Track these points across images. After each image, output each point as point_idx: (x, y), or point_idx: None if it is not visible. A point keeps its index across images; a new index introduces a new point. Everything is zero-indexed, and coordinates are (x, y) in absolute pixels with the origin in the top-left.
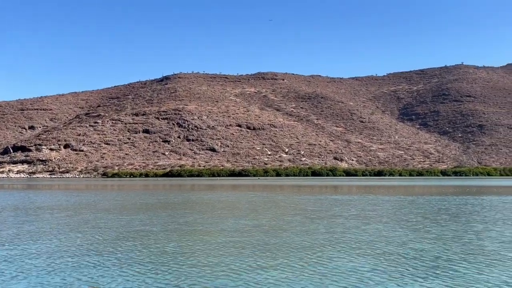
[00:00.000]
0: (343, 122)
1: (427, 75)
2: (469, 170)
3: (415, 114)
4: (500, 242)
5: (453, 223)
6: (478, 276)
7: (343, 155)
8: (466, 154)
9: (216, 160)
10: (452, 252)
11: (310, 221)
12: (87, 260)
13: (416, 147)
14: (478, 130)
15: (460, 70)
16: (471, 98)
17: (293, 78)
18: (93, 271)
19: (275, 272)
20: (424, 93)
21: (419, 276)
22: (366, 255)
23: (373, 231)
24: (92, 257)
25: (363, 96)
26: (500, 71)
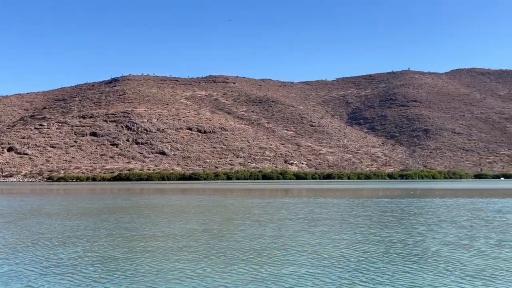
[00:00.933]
0: (294, 126)
1: (375, 80)
2: (415, 173)
3: (363, 118)
4: (443, 244)
5: (399, 225)
6: (422, 276)
7: (293, 159)
8: (412, 157)
9: (166, 163)
10: (397, 253)
11: (260, 225)
12: (27, 268)
13: (364, 151)
14: (424, 134)
15: (406, 76)
16: (417, 103)
17: (244, 82)
18: (33, 279)
19: (223, 277)
20: (372, 98)
21: (365, 277)
22: (314, 257)
23: (321, 234)
24: (33, 264)
25: (313, 100)
26: (445, 77)
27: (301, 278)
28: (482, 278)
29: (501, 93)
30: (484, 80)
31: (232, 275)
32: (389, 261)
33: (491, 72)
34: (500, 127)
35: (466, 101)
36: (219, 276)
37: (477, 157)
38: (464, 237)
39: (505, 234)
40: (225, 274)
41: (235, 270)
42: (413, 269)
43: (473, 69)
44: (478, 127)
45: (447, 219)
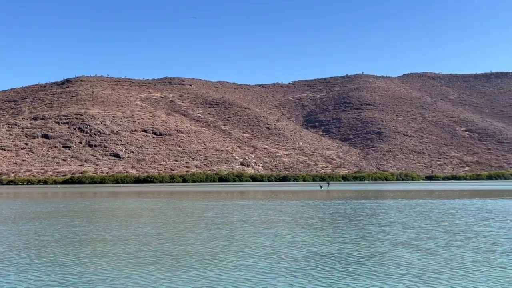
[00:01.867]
0: (250, 128)
1: (330, 83)
2: (368, 175)
3: (319, 121)
4: (393, 244)
5: (351, 226)
6: (375, 277)
7: (250, 161)
8: (366, 159)
9: (120, 166)
10: (348, 253)
11: (213, 227)
12: None
13: (319, 153)
14: (377, 137)
15: (360, 79)
16: (370, 106)
17: (201, 84)
18: None
19: (172, 282)
20: (327, 101)
21: (318, 279)
22: (269, 259)
23: (274, 236)
24: None
25: (269, 103)
26: (397, 81)
27: (253, 279)
28: (430, 278)
29: (451, 97)
30: (435, 84)
31: (183, 280)
32: (340, 261)
33: (441, 76)
34: (450, 130)
35: (418, 104)
36: (169, 281)
37: (428, 159)
38: (414, 237)
39: (454, 235)
40: (175, 278)
41: (186, 274)
42: (363, 269)
43: (424, 74)
44: (429, 130)
45: (399, 220)
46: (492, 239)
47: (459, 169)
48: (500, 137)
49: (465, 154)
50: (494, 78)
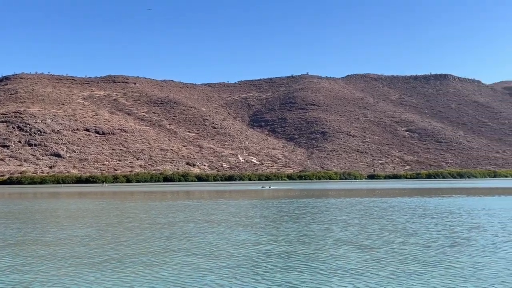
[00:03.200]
0: (196, 128)
1: (276, 83)
2: (313, 174)
3: (264, 121)
4: (335, 241)
5: (295, 225)
6: (317, 273)
7: (196, 161)
8: (311, 159)
9: (61, 166)
10: (293, 252)
11: (159, 228)
12: None
13: (265, 153)
14: (321, 137)
15: (305, 80)
16: (315, 106)
17: (145, 82)
18: None
19: (117, 283)
20: (273, 101)
21: (262, 276)
22: (213, 258)
23: (220, 235)
24: None
25: (215, 102)
26: (341, 81)
27: (197, 278)
28: (371, 274)
29: (392, 97)
30: (377, 85)
31: (123, 280)
32: (283, 259)
33: (383, 77)
34: (391, 130)
35: (361, 105)
36: (110, 282)
37: (370, 159)
38: (355, 235)
39: (394, 232)
40: (116, 279)
41: (127, 275)
42: (306, 266)
43: (367, 75)
44: (371, 130)
45: (341, 218)
46: (430, 235)
47: (400, 168)
48: (438, 137)
49: (405, 153)
50: (433, 79)
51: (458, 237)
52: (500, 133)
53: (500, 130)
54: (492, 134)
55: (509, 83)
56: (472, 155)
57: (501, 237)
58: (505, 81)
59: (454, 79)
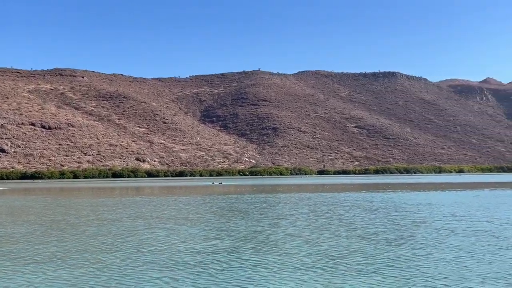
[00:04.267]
0: (146, 123)
1: (227, 79)
2: (264, 170)
3: (216, 116)
4: (284, 235)
5: (245, 220)
6: (266, 267)
7: (146, 156)
8: (262, 155)
9: (5, 161)
10: (243, 246)
11: (107, 224)
12: None
13: (216, 148)
14: (273, 133)
15: (257, 76)
16: (266, 102)
17: (94, 76)
18: None
19: (58, 282)
20: (225, 96)
21: (212, 272)
22: (161, 255)
23: (169, 231)
24: None
25: (166, 97)
26: (292, 78)
27: (144, 275)
28: (316, 268)
29: (342, 94)
30: (327, 82)
31: (65, 278)
32: (233, 254)
33: (333, 74)
34: (341, 126)
35: (311, 101)
36: (49, 281)
37: (320, 154)
38: (304, 229)
39: (340, 226)
40: (56, 278)
41: (71, 272)
42: (255, 260)
43: (318, 72)
44: (321, 126)
45: (290, 213)
46: (375, 229)
47: (349, 163)
48: (386, 133)
49: (354, 149)
50: (381, 77)
51: (403, 231)
52: (445, 130)
53: (445, 127)
54: (437, 131)
55: (454, 81)
56: (419, 151)
57: (443, 231)
58: (450, 79)
59: (402, 77)
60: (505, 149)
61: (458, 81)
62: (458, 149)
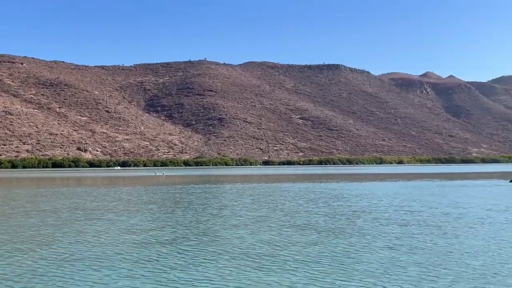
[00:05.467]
0: (88, 112)
1: (173, 68)
2: (209, 160)
3: (161, 106)
4: (229, 226)
5: (188, 210)
6: (208, 258)
7: (87, 146)
8: (207, 145)
9: None
10: (185, 237)
11: (45, 215)
12: None
13: (161, 138)
14: (218, 123)
15: (203, 66)
16: (212, 92)
17: (34, 63)
18: None
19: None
20: (170, 86)
21: (154, 263)
22: (102, 246)
23: (110, 222)
24: None
25: (110, 86)
26: (239, 68)
27: (85, 268)
28: (256, 257)
29: (287, 86)
30: (273, 73)
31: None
32: (175, 244)
33: (279, 66)
34: (286, 117)
35: (257, 92)
36: None
37: (265, 145)
38: (249, 219)
39: (283, 216)
40: None
41: (3, 265)
42: (197, 250)
43: (264, 63)
44: (267, 117)
45: (233, 203)
46: (317, 219)
47: (294, 154)
48: (330, 125)
49: (299, 140)
50: (326, 69)
51: (342, 220)
52: (386, 122)
53: (386, 119)
54: (379, 123)
55: (396, 74)
56: (361, 142)
57: (382, 221)
58: (392, 73)
59: (346, 70)
60: (443, 141)
61: (399, 74)
62: (398, 141)
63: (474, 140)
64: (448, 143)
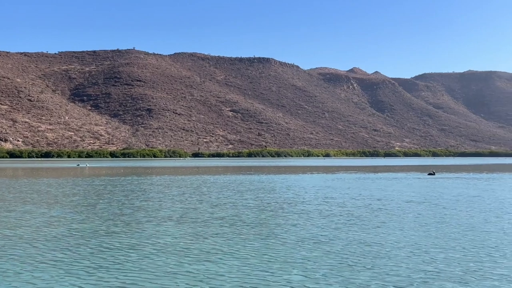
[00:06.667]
0: (9, 100)
1: (100, 56)
2: (137, 152)
3: (87, 96)
4: (158, 218)
5: (112, 202)
6: (132, 250)
7: (8, 135)
8: (135, 136)
9: None
10: (108, 229)
11: None
12: None
13: (86, 129)
14: (147, 114)
15: (132, 55)
16: (141, 82)
17: None
18: None
19: None
20: (97, 75)
21: (75, 257)
22: (15, 238)
23: (31, 214)
24: None
25: (32, 73)
26: (168, 59)
27: (6, 260)
28: (183, 249)
29: (218, 78)
30: (204, 65)
31: None
32: (97, 237)
33: (210, 57)
34: (217, 109)
35: (187, 83)
36: None
37: (195, 137)
38: (176, 212)
39: (211, 207)
40: None
41: None
42: (122, 243)
43: (194, 54)
44: (197, 109)
45: (161, 195)
46: (245, 210)
47: (224, 147)
48: (260, 118)
49: (229, 133)
50: (257, 62)
51: (267, 211)
52: (314, 116)
53: (314, 113)
54: (307, 116)
55: (324, 69)
56: (289, 135)
57: (308, 212)
58: (320, 68)
59: (276, 63)
60: (368, 135)
61: (327, 69)
62: (325, 135)
63: (397, 135)
64: (373, 137)
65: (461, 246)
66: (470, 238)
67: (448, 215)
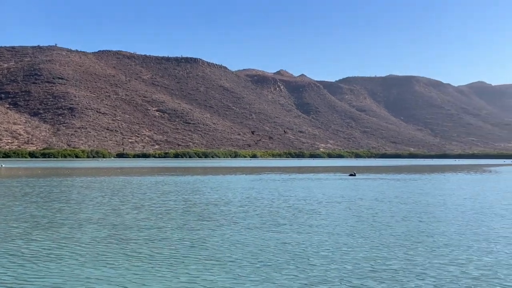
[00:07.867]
0: None
1: (19, 53)
2: (58, 152)
3: (5, 93)
4: (76, 221)
5: (32, 205)
6: (47, 253)
7: None
8: (56, 136)
9: None
10: (28, 231)
11: None
12: None
13: (4, 128)
14: (69, 113)
15: (53, 52)
16: (63, 80)
17: None
18: None
19: None
20: (15, 72)
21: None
22: None
23: None
24: None
25: None
26: (92, 56)
27: None
28: (104, 249)
29: (144, 77)
30: (129, 63)
31: None
32: (8, 240)
33: (136, 56)
34: (143, 109)
35: (112, 82)
36: None
37: (120, 137)
38: (93, 212)
39: (135, 209)
40: None
41: None
42: (41, 249)
43: (119, 52)
44: (122, 108)
45: (81, 197)
46: (175, 212)
47: (150, 147)
48: (187, 118)
49: (155, 133)
50: (184, 62)
51: (191, 212)
52: (241, 117)
53: (242, 114)
54: (235, 118)
55: (251, 71)
56: (217, 136)
57: (233, 214)
58: (248, 69)
59: (204, 64)
60: (294, 136)
61: (255, 71)
62: (252, 136)
63: (322, 136)
64: (299, 138)
65: (381, 244)
66: (388, 235)
67: (367, 214)
